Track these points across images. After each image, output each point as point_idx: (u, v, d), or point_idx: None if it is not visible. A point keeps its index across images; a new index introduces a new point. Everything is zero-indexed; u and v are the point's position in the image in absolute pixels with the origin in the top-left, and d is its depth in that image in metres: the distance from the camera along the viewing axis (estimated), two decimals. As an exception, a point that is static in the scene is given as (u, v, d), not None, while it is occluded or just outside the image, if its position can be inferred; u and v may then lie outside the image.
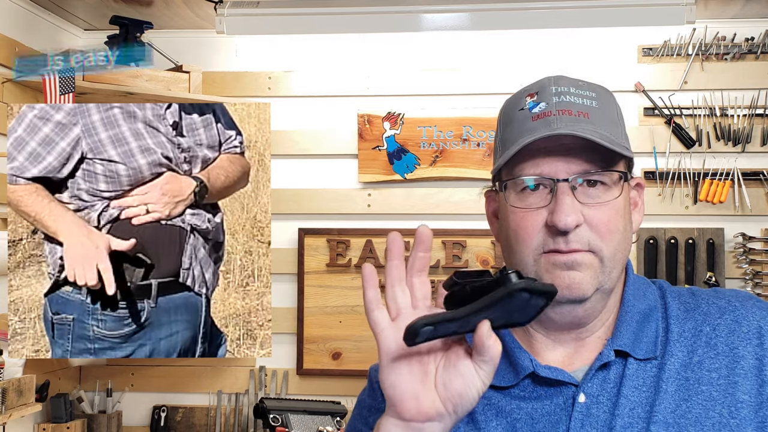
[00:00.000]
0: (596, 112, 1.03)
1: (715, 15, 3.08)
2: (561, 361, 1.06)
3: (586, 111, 1.02)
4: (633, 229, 1.08)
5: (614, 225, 1.02)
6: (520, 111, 1.04)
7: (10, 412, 2.39)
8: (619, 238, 1.03)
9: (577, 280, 1.00)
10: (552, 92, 1.04)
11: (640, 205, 1.11)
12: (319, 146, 3.26)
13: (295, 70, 3.29)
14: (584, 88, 1.05)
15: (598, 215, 1.01)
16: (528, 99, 1.05)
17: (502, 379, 1.05)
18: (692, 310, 1.07)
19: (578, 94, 1.04)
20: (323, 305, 3.21)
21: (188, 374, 3.26)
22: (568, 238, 1.00)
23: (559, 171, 1.00)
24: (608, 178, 1.02)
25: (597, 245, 1.01)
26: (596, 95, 1.05)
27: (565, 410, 1.02)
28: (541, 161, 1.01)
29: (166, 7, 3.02)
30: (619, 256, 1.03)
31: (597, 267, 1.01)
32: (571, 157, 1.00)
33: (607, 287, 1.03)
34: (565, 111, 1.01)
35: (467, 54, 3.23)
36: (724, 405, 0.99)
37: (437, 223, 3.18)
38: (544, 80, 1.07)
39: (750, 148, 3.11)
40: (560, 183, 1.00)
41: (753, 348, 1.02)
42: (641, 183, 1.12)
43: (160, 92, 3.05)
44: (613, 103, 1.07)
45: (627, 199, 1.05)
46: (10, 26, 2.81)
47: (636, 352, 1.03)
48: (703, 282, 3.05)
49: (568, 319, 1.04)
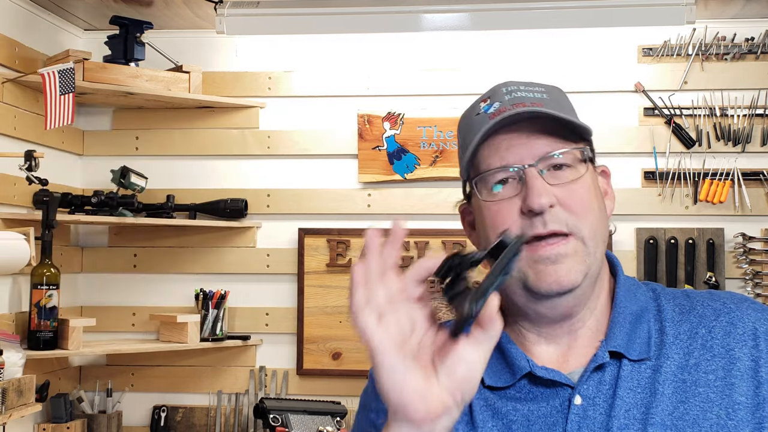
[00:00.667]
0: (549, 103, 1.06)
1: (715, 15, 3.08)
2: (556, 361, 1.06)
3: (538, 102, 1.05)
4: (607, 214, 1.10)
5: (587, 203, 1.04)
6: (477, 116, 1.07)
7: (10, 412, 2.39)
8: (596, 216, 1.04)
9: (562, 272, 1.01)
10: (503, 92, 1.07)
11: (610, 192, 1.13)
12: (319, 146, 3.26)
13: (295, 70, 3.29)
14: (534, 86, 1.09)
15: (570, 194, 1.03)
16: (482, 104, 1.08)
17: (499, 380, 1.06)
18: (687, 312, 1.07)
19: (528, 90, 1.07)
20: (323, 305, 3.21)
21: (188, 374, 3.26)
22: (545, 218, 1.01)
23: (524, 157, 1.03)
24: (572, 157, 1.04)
25: (575, 225, 1.02)
26: (546, 90, 1.08)
27: (561, 412, 1.02)
28: (504, 152, 1.04)
29: (166, 7, 3.01)
30: (599, 234, 1.04)
31: (581, 251, 1.02)
32: (532, 143, 1.03)
33: (594, 270, 1.04)
34: (519, 104, 1.04)
35: (467, 54, 3.23)
36: (721, 407, 0.99)
37: (437, 223, 3.18)
38: (495, 86, 1.10)
39: (750, 148, 3.11)
40: (528, 168, 1.02)
41: (749, 350, 1.02)
42: (606, 170, 1.15)
43: (160, 92, 3.06)
44: (564, 96, 1.11)
45: (595, 180, 1.08)
46: (10, 26, 2.81)
47: (630, 353, 1.03)
48: (703, 282, 3.05)
49: (560, 311, 1.05)
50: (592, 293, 1.06)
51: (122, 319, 3.27)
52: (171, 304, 3.27)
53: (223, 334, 3.15)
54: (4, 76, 2.73)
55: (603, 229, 1.06)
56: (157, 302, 3.27)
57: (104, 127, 3.33)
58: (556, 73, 3.16)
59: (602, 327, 1.07)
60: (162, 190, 3.23)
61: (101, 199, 2.96)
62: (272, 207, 3.26)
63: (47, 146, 2.99)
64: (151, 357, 3.24)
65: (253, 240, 3.26)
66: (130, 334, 3.27)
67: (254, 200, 3.25)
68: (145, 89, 3.03)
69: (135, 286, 3.29)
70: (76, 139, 3.25)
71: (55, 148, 3.08)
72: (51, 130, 2.73)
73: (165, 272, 3.28)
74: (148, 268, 3.28)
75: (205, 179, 3.29)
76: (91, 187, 3.23)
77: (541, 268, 1.01)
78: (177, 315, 3.05)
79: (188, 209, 3.19)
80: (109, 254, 3.29)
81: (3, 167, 2.72)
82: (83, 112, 3.30)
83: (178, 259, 3.27)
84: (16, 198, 2.78)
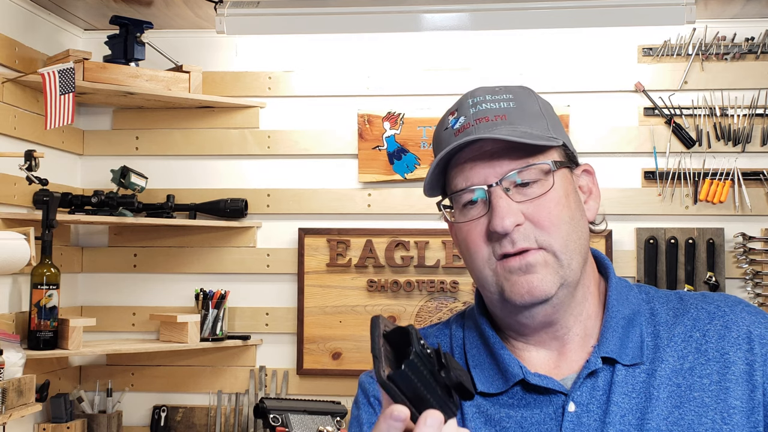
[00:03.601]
0: (514, 112, 1.04)
1: (715, 15, 3.08)
2: (548, 367, 1.06)
3: (503, 113, 1.04)
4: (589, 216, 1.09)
5: (556, 216, 1.02)
6: (445, 130, 1.07)
7: (10, 412, 2.39)
8: (567, 229, 1.02)
9: (535, 283, 1.00)
10: (469, 105, 1.06)
11: (594, 191, 1.11)
12: (319, 146, 3.26)
13: (295, 70, 3.29)
14: (500, 92, 1.07)
15: (537, 210, 1.01)
16: (450, 117, 1.08)
17: (491, 386, 1.05)
18: (681, 315, 1.07)
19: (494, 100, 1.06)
20: (323, 305, 3.21)
21: (188, 374, 3.26)
22: (512, 238, 1.00)
23: (488, 177, 1.02)
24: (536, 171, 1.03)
25: (545, 240, 1.01)
26: (513, 96, 1.06)
27: (555, 420, 1.01)
28: (468, 172, 1.03)
29: (166, 7, 3.01)
30: (572, 246, 1.03)
31: (553, 263, 1.01)
32: (495, 161, 1.02)
33: (572, 280, 1.03)
34: (482, 119, 1.03)
35: (467, 54, 3.23)
36: (717, 411, 0.99)
37: (437, 223, 3.17)
38: (463, 96, 1.09)
39: (750, 148, 3.11)
40: (492, 188, 1.02)
41: (743, 353, 1.02)
42: (588, 169, 1.12)
43: (160, 92, 3.06)
44: (532, 99, 1.08)
45: (567, 188, 1.05)
46: (10, 26, 2.81)
47: (623, 358, 1.03)
48: (703, 282, 3.05)
49: (539, 320, 1.04)
50: (573, 300, 1.05)
51: (122, 319, 3.27)
52: (171, 304, 3.27)
53: (223, 334, 3.15)
54: (4, 76, 2.73)
55: (578, 238, 1.04)
56: (157, 302, 3.28)
57: (104, 127, 3.33)
58: (556, 73, 3.16)
59: (594, 332, 1.06)
60: (162, 190, 3.23)
61: (101, 199, 2.96)
62: (272, 207, 3.26)
63: (47, 146, 2.99)
64: (151, 357, 3.24)
65: (253, 240, 3.26)
66: (130, 334, 3.27)
67: (254, 200, 3.25)
68: (145, 89, 3.03)
69: (135, 286, 3.29)
70: (76, 139, 3.25)
71: (55, 148, 3.08)
72: (51, 130, 2.73)
73: (165, 272, 3.28)
74: (148, 268, 3.29)
75: (205, 179, 3.29)
76: (91, 187, 3.23)
77: (514, 279, 1.01)
78: (177, 315, 3.05)
79: (188, 209, 3.19)
80: (109, 254, 3.30)
81: (3, 167, 2.72)
82: (83, 112, 3.30)
83: (178, 259, 3.27)
84: (16, 198, 2.78)
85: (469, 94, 1.08)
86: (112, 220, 2.95)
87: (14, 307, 2.77)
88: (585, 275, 1.06)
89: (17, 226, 2.70)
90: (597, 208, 1.11)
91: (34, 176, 2.65)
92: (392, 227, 3.21)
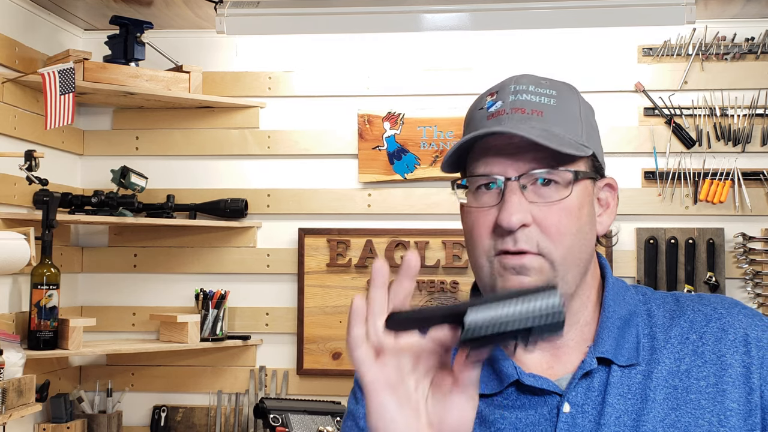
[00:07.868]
0: (552, 111, 1.01)
1: (715, 15, 3.08)
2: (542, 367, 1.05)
3: (540, 109, 1.01)
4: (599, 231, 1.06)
5: (564, 227, 1.00)
6: (479, 110, 1.05)
7: (10, 412, 2.39)
8: (571, 241, 1.00)
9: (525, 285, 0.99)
10: (510, 91, 1.03)
11: (612, 206, 1.09)
12: (319, 146, 3.26)
13: (295, 70, 3.29)
14: (545, 86, 1.04)
15: (547, 216, 0.99)
16: (488, 98, 1.05)
17: (486, 387, 1.04)
18: (677, 317, 1.06)
19: (536, 92, 1.02)
20: (323, 305, 3.21)
21: (188, 374, 3.26)
22: (516, 237, 0.99)
23: (508, 169, 1.00)
24: (559, 177, 1.00)
25: (546, 247, 0.99)
26: (557, 93, 1.03)
27: (550, 420, 1.00)
28: (491, 160, 1.01)
29: (166, 7, 3.01)
30: (570, 260, 1.00)
31: (548, 271, 0.99)
32: (520, 155, 1.00)
33: (564, 292, 1.01)
34: (518, 109, 1.01)
35: (467, 54, 3.23)
36: (713, 413, 0.98)
37: (437, 223, 3.18)
38: (507, 79, 1.06)
39: (750, 148, 3.11)
40: (508, 182, 0.99)
41: (740, 356, 1.01)
42: (612, 184, 1.09)
43: (160, 92, 3.06)
44: (574, 101, 1.05)
45: (584, 199, 1.02)
46: (10, 26, 2.81)
47: (618, 358, 1.02)
48: (703, 282, 3.05)
49: None
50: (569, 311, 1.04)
51: (122, 319, 3.27)
52: (171, 304, 3.27)
53: (223, 334, 3.15)
54: (4, 76, 2.73)
55: (579, 252, 1.02)
56: (157, 302, 3.28)
57: (104, 127, 3.33)
58: (556, 73, 3.14)
59: (590, 336, 1.06)
60: (162, 190, 3.23)
61: (101, 199, 2.96)
62: (272, 207, 3.26)
63: (47, 146, 2.99)
64: (151, 357, 3.24)
65: (253, 240, 3.26)
66: (130, 334, 3.27)
67: (254, 200, 3.25)
68: (145, 89, 3.03)
69: (135, 286, 3.29)
70: (76, 139, 3.25)
71: (55, 148, 3.08)
72: (51, 130, 2.73)
73: (165, 272, 3.28)
74: (148, 268, 3.29)
75: (205, 179, 3.29)
76: (91, 187, 3.23)
77: (507, 276, 1.00)
78: (177, 315, 3.05)
79: (188, 209, 3.19)
80: (109, 254, 3.30)
81: (3, 167, 2.72)
82: (83, 112, 3.30)
83: (178, 259, 3.27)
84: (16, 198, 2.78)
85: (514, 79, 1.05)
86: (112, 220, 2.95)
87: (14, 307, 2.77)
88: (584, 285, 1.05)
89: (17, 226, 2.70)
90: (609, 224, 1.08)
91: (34, 176, 2.65)
92: (392, 227, 3.21)
